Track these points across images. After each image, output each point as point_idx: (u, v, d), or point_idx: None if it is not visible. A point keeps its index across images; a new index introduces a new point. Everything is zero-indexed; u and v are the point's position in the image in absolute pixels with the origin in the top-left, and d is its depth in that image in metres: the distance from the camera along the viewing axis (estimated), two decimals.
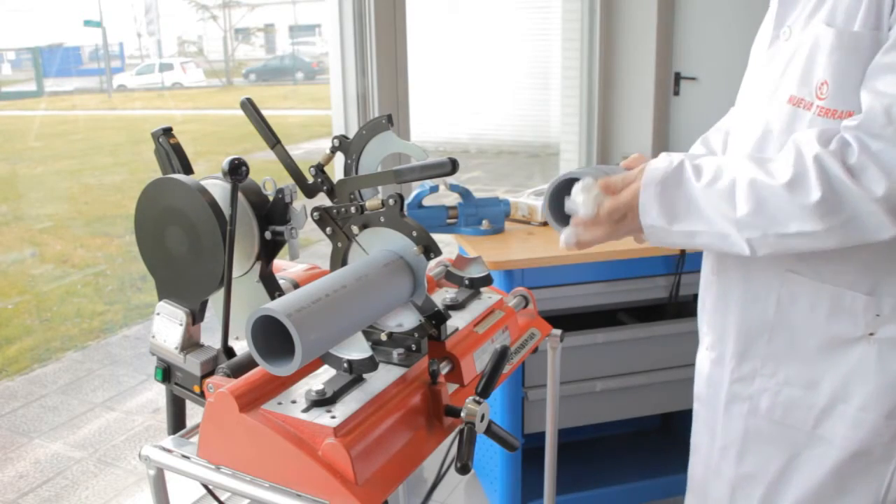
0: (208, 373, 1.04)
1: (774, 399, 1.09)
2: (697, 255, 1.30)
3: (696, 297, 1.27)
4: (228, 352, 1.06)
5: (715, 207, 0.96)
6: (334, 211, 1.01)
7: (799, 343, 1.05)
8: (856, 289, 0.99)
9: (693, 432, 1.27)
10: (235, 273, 1.05)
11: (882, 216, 0.87)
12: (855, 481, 1.03)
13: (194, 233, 1.02)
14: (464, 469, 0.92)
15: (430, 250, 0.96)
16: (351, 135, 1.14)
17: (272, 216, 1.05)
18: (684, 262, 1.95)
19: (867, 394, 1.00)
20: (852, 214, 0.88)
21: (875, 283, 0.98)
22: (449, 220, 2.05)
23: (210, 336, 1.10)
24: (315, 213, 1.02)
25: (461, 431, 0.96)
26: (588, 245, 1.07)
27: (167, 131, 1.10)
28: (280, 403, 0.92)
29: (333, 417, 0.89)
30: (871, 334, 0.99)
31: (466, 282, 1.27)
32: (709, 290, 1.20)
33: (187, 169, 1.10)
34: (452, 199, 2.06)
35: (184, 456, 0.96)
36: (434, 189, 1.98)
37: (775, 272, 1.05)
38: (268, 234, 1.05)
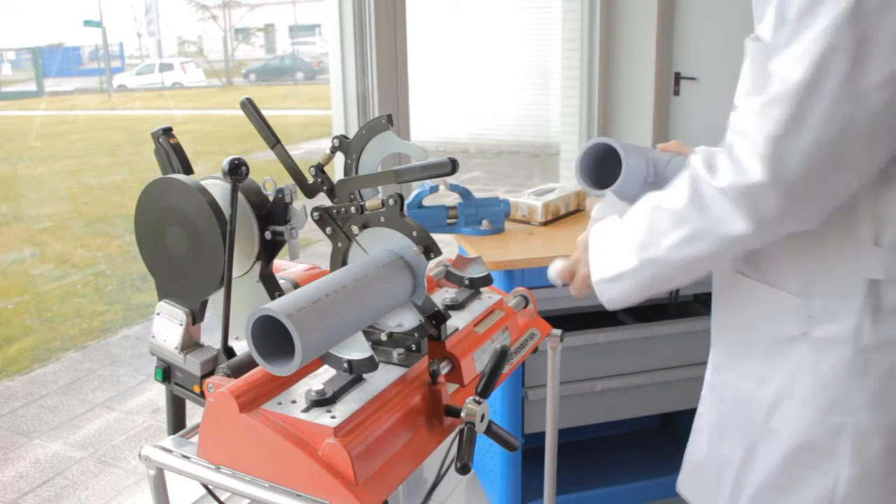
0: (208, 373, 1.04)
1: (735, 392, 1.14)
2: None
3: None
4: (228, 352, 1.06)
5: (623, 242, 1.05)
6: (334, 211, 1.01)
7: (751, 341, 1.10)
8: (790, 290, 1.03)
9: (696, 415, 1.33)
10: (235, 273, 1.05)
11: (729, 208, 0.90)
12: (806, 474, 1.07)
13: (194, 233, 1.02)
14: (464, 469, 0.92)
15: (430, 250, 0.96)
16: (351, 135, 1.14)
17: (272, 216, 1.05)
18: None
19: (806, 390, 1.04)
20: (710, 212, 0.92)
21: (805, 285, 1.01)
22: (449, 220, 2.04)
23: (210, 336, 1.10)
24: (315, 213, 1.02)
25: (461, 431, 0.96)
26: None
27: (167, 131, 1.10)
28: (280, 403, 0.92)
29: (333, 417, 0.89)
30: (806, 334, 1.02)
31: (466, 282, 1.27)
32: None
33: (187, 169, 1.10)
34: (452, 199, 2.05)
35: (184, 456, 0.96)
36: (434, 189, 1.98)
37: (729, 274, 1.11)
38: (268, 234, 1.05)
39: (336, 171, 1.40)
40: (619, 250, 1.05)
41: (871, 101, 0.83)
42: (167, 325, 1.08)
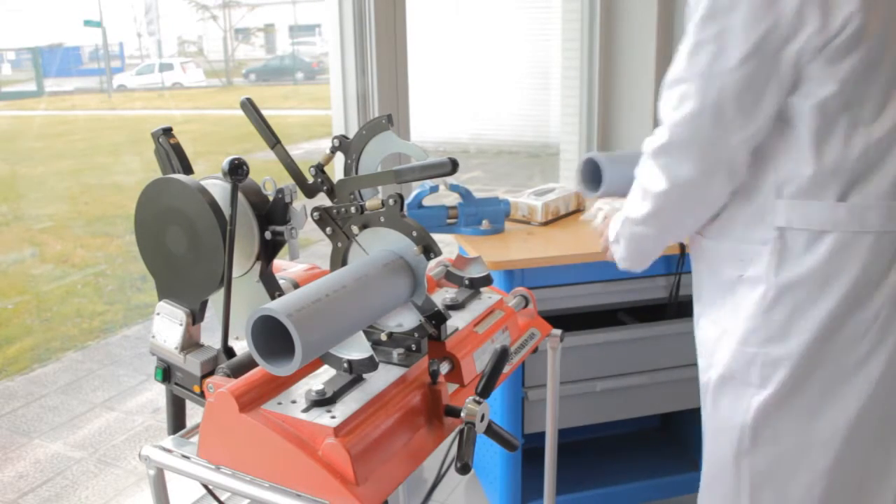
0: (208, 373, 1.04)
1: (699, 335, 1.32)
2: None
3: None
4: (228, 352, 1.06)
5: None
6: (334, 211, 1.01)
7: (707, 287, 1.30)
8: (726, 240, 1.23)
9: None
10: (235, 273, 1.05)
11: (653, 168, 1.18)
12: (725, 403, 1.24)
13: (194, 233, 1.02)
14: (464, 469, 0.92)
15: (430, 250, 0.96)
16: (351, 135, 1.14)
17: (272, 216, 1.05)
18: (684, 262, 1.95)
19: (735, 325, 1.21)
20: (645, 172, 1.21)
21: (736, 233, 1.21)
22: (449, 220, 2.04)
23: (210, 336, 1.10)
24: (315, 213, 1.02)
25: (461, 431, 0.96)
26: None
27: (167, 131, 1.10)
28: (280, 403, 0.92)
29: (333, 417, 0.89)
30: (741, 276, 1.21)
31: (466, 282, 1.27)
32: None
33: (187, 169, 1.10)
34: (452, 199, 2.05)
35: (184, 456, 0.96)
36: (434, 189, 1.98)
37: (692, 238, 1.32)
38: (268, 234, 1.05)
39: (336, 171, 1.40)
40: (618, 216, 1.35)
41: (734, 76, 1.07)
42: (167, 325, 1.08)
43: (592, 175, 1.62)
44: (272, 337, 0.82)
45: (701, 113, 1.10)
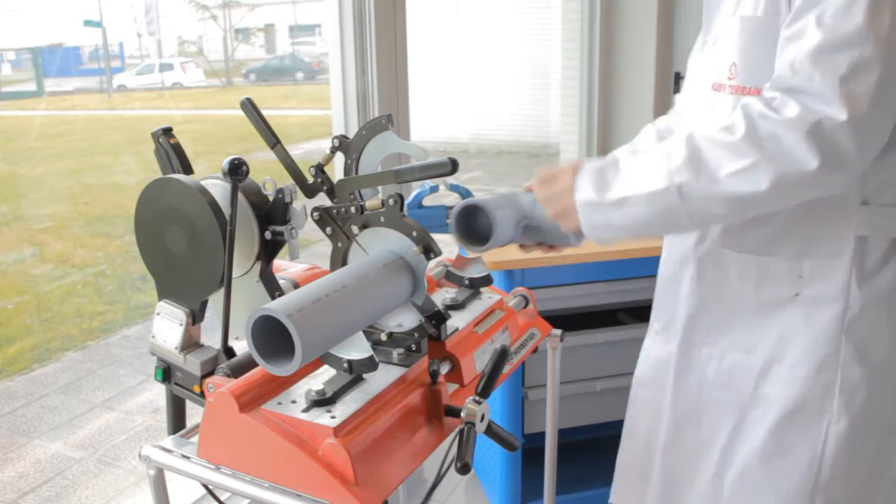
0: (208, 373, 1.04)
1: (720, 366, 1.16)
2: None
3: None
4: (228, 352, 1.06)
5: (649, 166, 1.01)
6: (334, 211, 1.01)
7: (735, 311, 1.13)
8: (777, 254, 1.08)
9: (628, 418, 1.35)
10: (235, 273, 1.05)
11: (803, 144, 0.90)
12: (794, 438, 1.09)
13: (194, 233, 1.02)
14: (464, 469, 0.92)
15: (430, 250, 0.96)
16: (351, 135, 1.14)
17: (272, 216, 1.05)
18: None
19: (797, 351, 1.07)
20: (777, 145, 0.91)
21: (794, 247, 1.06)
22: (449, 220, 2.04)
23: (210, 336, 1.10)
24: (315, 213, 1.02)
25: (461, 431, 0.96)
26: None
27: (167, 131, 1.10)
28: (280, 403, 0.92)
29: (333, 417, 0.89)
30: (797, 295, 1.07)
31: (466, 282, 1.27)
32: (662, 279, 1.29)
33: (187, 169, 1.10)
34: (452, 199, 2.05)
35: (184, 456, 0.96)
36: (434, 189, 1.98)
37: (708, 250, 1.15)
38: (268, 234, 1.05)
39: (336, 171, 1.40)
40: (637, 173, 1.02)
41: None
42: (167, 325, 1.08)
43: (470, 223, 1.28)
44: (272, 337, 0.82)
45: (884, 86, 0.89)
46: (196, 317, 1.07)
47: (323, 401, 0.91)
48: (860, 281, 1.03)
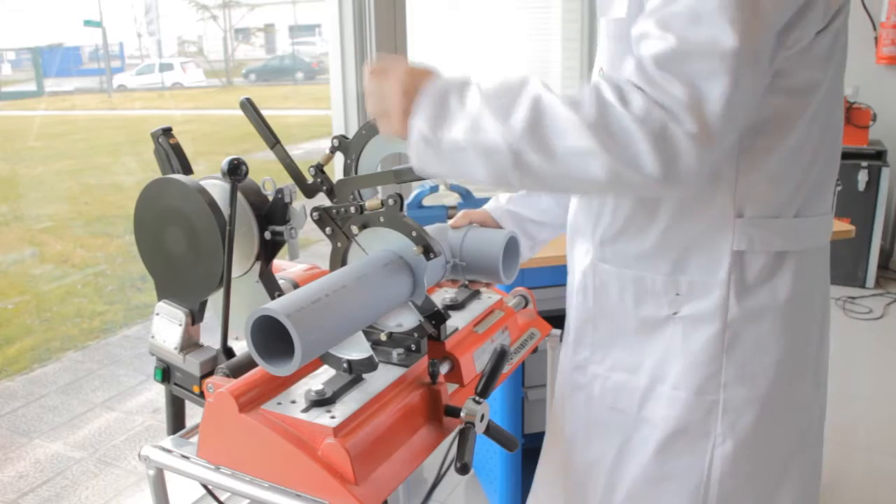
0: (208, 373, 1.04)
1: (605, 385, 1.11)
2: None
3: None
4: (228, 352, 1.06)
5: (490, 116, 0.87)
6: (334, 211, 1.01)
7: (619, 329, 1.08)
8: (655, 271, 1.02)
9: (547, 431, 1.31)
10: (235, 273, 1.05)
11: (645, 143, 0.80)
12: (678, 461, 1.04)
13: (194, 233, 1.02)
14: (464, 469, 0.92)
15: (430, 250, 0.96)
16: (351, 135, 1.14)
17: (272, 216, 1.05)
18: None
19: (677, 372, 1.02)
20: (622, 140, 0.81)
21: (671, 264, 1.00)
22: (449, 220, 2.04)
23: (210, 336, 1.10)
24: (315, 213, 1.02)
25: (461, 431, 0.96)
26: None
27: (167, 131, 1.10)
28: (280, 403, 0.92)
29: (333, 417, 0.89)
30: (675, 313, 1.01)
31: (466, 282, 1.27)
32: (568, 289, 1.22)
33: (187, 169, 1.10)
34: (452, 199, 2.05)
35: (183, 456, 0.96)
36: (434, 189, 1.98)
37: (590, 263, 1.09)
38: (267, 234, 1.05)
39: (336, 171, 1.40)
40: (478, 115, 0.87)
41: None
42: (166, 325, 1.08)
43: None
44: (272, 337, 0.82)
45: (734, 99, 0.81)
46: (195, 317, 1.07)
47: (322, 401, 0.91)
48: (739, 298, 0.98)
